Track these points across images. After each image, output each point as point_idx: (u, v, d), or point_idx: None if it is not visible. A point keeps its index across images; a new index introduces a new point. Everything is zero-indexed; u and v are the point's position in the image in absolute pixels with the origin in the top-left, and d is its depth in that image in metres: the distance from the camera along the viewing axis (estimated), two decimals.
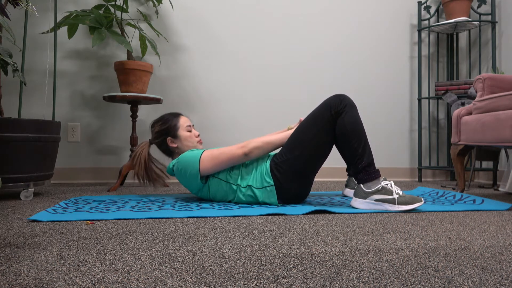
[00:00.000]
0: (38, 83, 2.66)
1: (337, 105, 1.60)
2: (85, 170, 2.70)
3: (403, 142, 3.14)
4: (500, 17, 2.90)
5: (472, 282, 0.75)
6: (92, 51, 2.73)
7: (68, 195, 1.99)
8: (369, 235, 1.14)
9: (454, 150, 2.11)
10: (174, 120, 1.84)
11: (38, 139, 1.86)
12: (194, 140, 1.84)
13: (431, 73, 3.20)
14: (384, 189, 1.55)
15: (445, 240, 1.09)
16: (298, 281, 0.75)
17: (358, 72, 3.08)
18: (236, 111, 2.92)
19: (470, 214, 1.51)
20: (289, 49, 2.99)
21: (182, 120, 1.85)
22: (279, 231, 1.18)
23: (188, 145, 1.83)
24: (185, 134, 1.82)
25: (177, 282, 0.74)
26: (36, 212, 1.49)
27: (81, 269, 0.81)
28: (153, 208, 1.57)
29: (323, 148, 1.63)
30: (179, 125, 1.83)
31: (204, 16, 2.88)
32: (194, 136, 1.85)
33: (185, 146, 1.83)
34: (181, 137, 1.82)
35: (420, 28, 3.03)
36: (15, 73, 1.75)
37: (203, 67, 2.88)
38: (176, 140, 1.82)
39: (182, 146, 1.83)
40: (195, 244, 1.02)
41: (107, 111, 2.75)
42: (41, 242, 1.03)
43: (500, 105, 1.80)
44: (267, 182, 1.64)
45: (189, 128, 1.84)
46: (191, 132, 1.85)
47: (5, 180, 1.75)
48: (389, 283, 0.74)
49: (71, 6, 2.71)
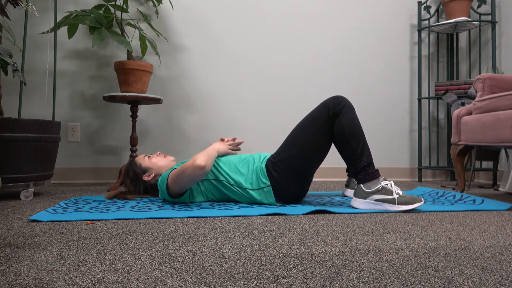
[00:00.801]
0: (38, 83, 2.66)
1: (335, 106, 1.60)
2: (85, 170, 2.70)
3: (403, 142, 3.14)
4: (500, 17, 2.90)
5: (472, 282, 0.75)
6: (92, 51, 2.73)
7: (68, 195, 1.99)
8: (369, 235, 1.14)
9: (454, 150, 2.11)
10: (132, 164, 1.86)
11: (38, 139, 1.86)
12: (160, 160, 1.85)
13: (431, 73, 3.20)
14: (384, 189, 1.55)
15: (445, 240, 1.09)
16: (298, 281, 0.75)
17: (358, 72, 3.08)
18: (236, 111, 2.92)
19: (470, 214, 1.51)
20: (289, 49, 2.99)
21: (137, 158, 1.88)
22: (279, 231, 1.18)
23: (160, 166, 1.84)
24: (149, 162, 1.84)
25: (177, 282, 0.74)
26: (36, 212, 1.49)
27: (81, 269, 0.81)
28: (153, 208, 1.57)
29: (321, 148, 1.63)
30: (138, 162, 1.85)
31: (204, 16, 2.88)
32: (156, 157, 1.87)
33: (159, 170, 1.84)
34: (149, 166, 1.83)
35: (420, 28, 3.03)
36: (15, 73, 1.75)
37: (203, 67, 2.88)
38: (149, 171, 1.83)
39: (158, 171, 1.83)
40: (195, 244, 1.02)
41: (107, 111, 2.75)
42: (41, 242, 1.03)
43: (500, 105, 1.80)
44: (263, 183, 1.64)
45: (146, 156, 1.87)
46: (151, 156, 1.87)
47: (5, 180, 1.75)
48: (389, 283, 0.74)
49: (71, 6, 2.71)
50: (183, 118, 2.84)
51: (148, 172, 1.84)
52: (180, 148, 2.83)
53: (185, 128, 2.84)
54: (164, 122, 2.81)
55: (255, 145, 2.93)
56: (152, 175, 1.83)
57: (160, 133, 2.81)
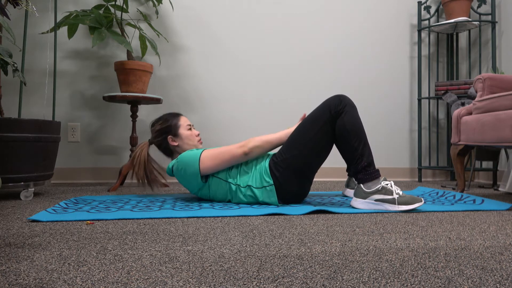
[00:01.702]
0: (38, 83, 2.66)
1: (337, 105, 1.60)
2: (85, 170, 2.70)
3: (403, 142, 3.14)
4: (500, 17, 2.90)
5: (472, 282, 0.75)
6: (92, 51, 2.73)
7: (68, 195, 1.99)
8: (369, 235, 1.14)
9: (454, 150, 2.11)
10: (175, 119, 1.85)
11: (38, 139, 1.86)
12: (195, 139, 1.85)
13: (431, 73, 3.20)
14: (384, 189, 1.55)
15: (445, 240, 1.09)
16: (298, 281, 0.75)
17: (358, 72, 3.08)
18: (236, 111, 2.92)
19: (470, 214, 1.51)
20: (289, 49, 2.99)
21: (183, 120, 1.87)
22: (279, 231, 1.18)
23: (189, 144, 1.84)
24: (185, 133, 1.83)
25: (177, 282, 0.74)
26: (36, 212, 1.49)
27: (81, 269, 0.81)
28: (153, 208, 1.57)
29: (323, 148, 1.63)
30: (179, 124, 1.84)
31: (204, 16, 2.88)
32: (194, 135, 1.86)
33: (185, 145, 1.83)
34: (182, 135, 1.83)
35: (420, 28, 3.03)
36: (15, 73, 1.75)
37: (203, 67, 2.88)
38: (177, 139, 1.83)
39: (183, 144, 1.83)
40: (195, 244, 1.02)
41: (107, 111, 2.75)
42: (41, 242, 1.03)
43: (500, 105, 1.80)
44: (266, 181, 1.64)
45: (189, 127, 1.86)
46: (191, 131, 1.86)
47: (5, 180, 1.75)
48: (389, 283, 0.74)
49: (71, 6, 2.71)
50: None
51: (177, 138, 1.83)
52: None
53: None
54: None
55: None
56: (176, 143, 1.83)
57: None
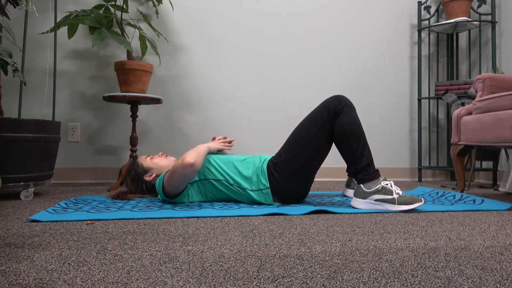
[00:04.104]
0: (38, 83, 2.66)
1: (335, 106, 1.60)
2: (85, 170, 2.70)
3: (403, 142, 3.14)
4: (500, 17, 2.90)
5: (472, 282, 0.75)
6: (92, 51, 2.73)
7: (68, 195, 1.99)
8: (369, 235, 1.14)
9: (454, 150, 2.11)
10: (134, 163, 1.87)
11: (38, 139, 1.86)
12: (162, 159, 1.86)
13: (431, 73, 3.20)
14: (384, 189, 1.55)
15: (445, 240, 1.09)
16: (298, 281, 0.75)
17: (358, 72, 3.08)
18: (236, 111, 2.92)
19: (470, 214, 1.51)
20: (289, 49, 2.99)
21: (140, 158, 1.89)
22: (279, 231, 1.18)
23: (161, 166, 1.84)
24: (150, 162, 1.85)
25: (177, 282, 0.74)
26: (36, 212, 1.49)
27: (81, 269, 0.81)
28: (153, 208, 1.57)
29: (322, 148, 1.63)
30: (140, 162, 1.86)
31: (204, 16, 2.88)
32: (158, 157, 1.87)
33: (161, 170, 1.84)
34: (150, 166, 1.84)
35: (420, 28, 3.03)
36: (15, 73, 1.75)
37: (203, 67, 2.88)
38: (150, 171, 1.84)
39: (158, 171, 1.84)
40: (195, 244, 1.02)
41: (107, 111, 2.75)
42: (41, 242, 1.03)
43: (500, 105, 1.80)
44: (262, 184, 1.64)
45: (148, 157, 1.88)
46: (151, 157, 1.87)
47: (5, 180, 1.75)
48: (389, 283, 0.74)
49: (71, 6, 2.70)
50: (183, 118, 2.84)
51: (150, 172, 1.84)
52: (180, 148, 2.83)
53: (185, 128, 2.84)
54: (164, 122, 2.81)
55: (255, 145, 2.93)
56: (153, 175, 1.83)
57: (160, 133, 2.81)
